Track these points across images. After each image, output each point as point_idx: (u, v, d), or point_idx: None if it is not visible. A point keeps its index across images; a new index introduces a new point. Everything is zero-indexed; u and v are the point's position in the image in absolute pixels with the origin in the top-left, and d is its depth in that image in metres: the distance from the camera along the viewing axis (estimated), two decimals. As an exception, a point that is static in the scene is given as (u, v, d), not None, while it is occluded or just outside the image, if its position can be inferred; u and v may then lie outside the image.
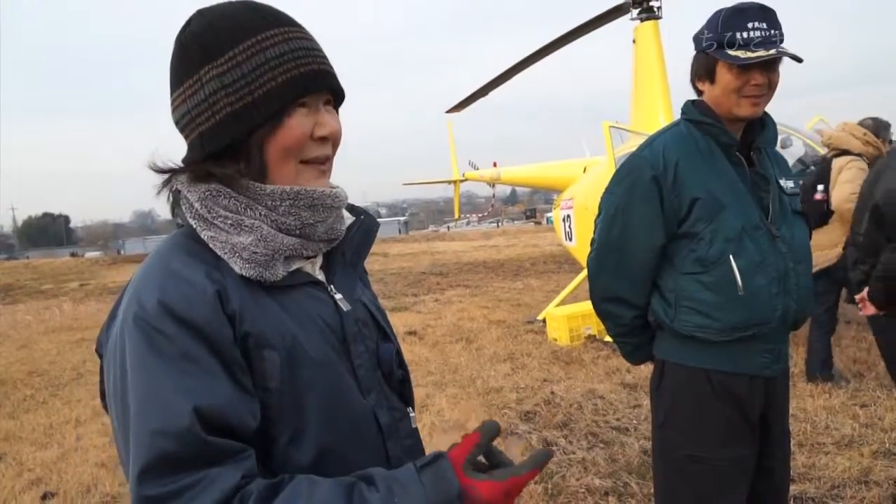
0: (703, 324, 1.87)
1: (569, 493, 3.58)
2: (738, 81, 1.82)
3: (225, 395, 0.87)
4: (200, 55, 0.96)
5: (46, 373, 7.62)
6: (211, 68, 0.95)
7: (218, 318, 0.90)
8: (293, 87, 0.96)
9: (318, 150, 1.02)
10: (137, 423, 0.84)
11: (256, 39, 0.96)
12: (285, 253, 0.99)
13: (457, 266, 17.29)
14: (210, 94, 0.95)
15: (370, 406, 1.06)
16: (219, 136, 0.96)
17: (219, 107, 0.95)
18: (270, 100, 0.95)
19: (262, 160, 0.98)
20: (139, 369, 0.86)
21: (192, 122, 0.98)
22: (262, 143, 0.97)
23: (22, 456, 4.84)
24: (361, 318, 1.10)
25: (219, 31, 0.96)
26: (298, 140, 0.99)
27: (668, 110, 8.01)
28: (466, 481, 0.87)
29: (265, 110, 0.95)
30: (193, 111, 0.97)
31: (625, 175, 1.97)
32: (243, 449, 0.87)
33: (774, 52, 1.75)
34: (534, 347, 7.09)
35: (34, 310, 13.83)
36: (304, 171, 1.01)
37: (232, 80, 0.95)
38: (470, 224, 59.47)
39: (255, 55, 0.95)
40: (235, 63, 0.95)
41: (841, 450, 3.85)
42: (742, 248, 1.84)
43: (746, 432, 1.94)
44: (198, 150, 0.98)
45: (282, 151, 0.98)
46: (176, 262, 0.94)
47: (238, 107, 0.95)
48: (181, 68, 0.99)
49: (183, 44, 0.99)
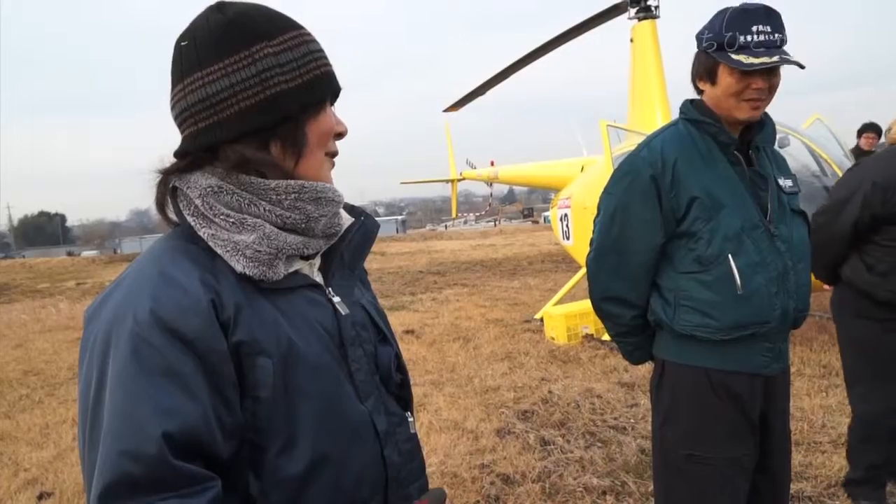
0: (703, 323, 1.87)
1: (566, 492, 3.58)
2: (738, 85, 1.81)
3: (201, 416, 0.85)
4: (251, 33, 0.97)
5: (42, 372, 7.60)
6: (265, 46, 0.97)
7: (212, 330, 0.89)
8: (328, 81, 1.03)
9: (335, 147, 1.08)
10: (108, 440, 0.83)
11: (299, 32, 1.02)
12: (288, 252, 0.98)
13: (454, 265, 17.28)
14: (264, 69, 0.96)
15: (367, 412, 1.04)
16: (272, 109, 0.97)
17: (273, 82, 0.96)
18: (319, 86, 1.01)
19: (302, 143, 1.01)
20: (119, 383, 0.84)
21: (236, 95, 0.95)
22: (306, 126, 1.01)
23: (18, 456, 4.82)
24: (360, 321, 1.09)
25: (267, 16, 1.00)
26: (331, 130, 1.05)
27: (665, 109, 8.02)
28: None
29: (314, 93, 1.00)
30: (240, 84, 0.95)
31: (623, 175, 1.97)
32: (208, 478, 0.85)
33: (777, 59, 1.74)
34: (531, 346, 7.09)
35: (30, 309, 13.79)
36: (326, 163, 1.06)
37: (287, 60, 0.98)
38: (467, 223, 59.44)
39: (301, 45, 1.00)
40: (288, 47, 0.99)
41: (837, 448, 3.85)
42: (741, 248, 1.83)
43: (746, 431, 1.94)
44: (232, 128, 0.96)
45: (320, 137, 1.03)
46: (171, 266, 0.92)
47: (293, 85, 0.98)
48: (223, 43, 0.96)
49: (229, 21, 0.97)
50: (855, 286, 2.96)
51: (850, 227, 2.88)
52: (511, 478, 3.80)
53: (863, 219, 2.84)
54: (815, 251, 3.02)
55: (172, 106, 1.00)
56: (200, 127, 0.97)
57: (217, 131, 0.96)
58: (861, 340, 3.00)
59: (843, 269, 3.01)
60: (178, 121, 1.00)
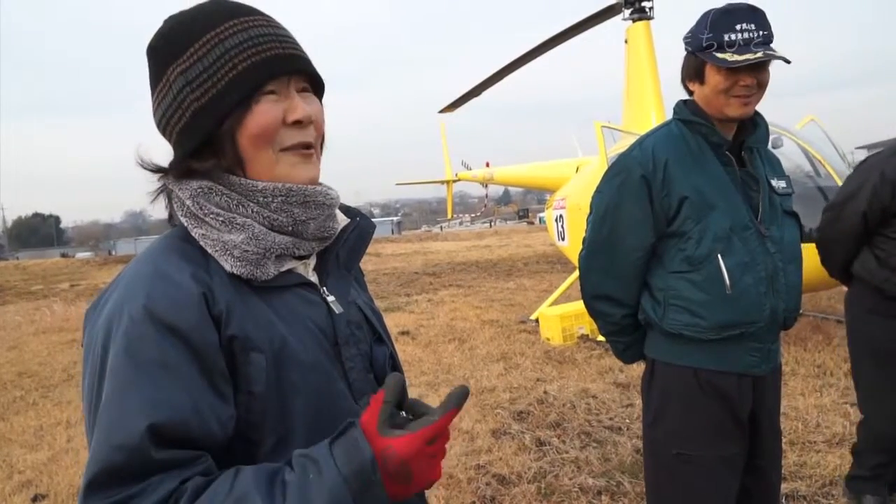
0: (691, 322, 1.88)
1: (562, 492, 3.58)
2: (726, 82, 1.82)
3: (192, 406, 0.86)
4: (165, 56, 0.97)
5: (37, 374, 7.57)
6: (175, 67, 0.96)
7: (203, 322, 0.89)
8: (257, 73, 0.95)
9: (298, 137, 1.00)
10: (97, 434, 0.84)
11: (215, 32, 0.96)
12: (276, 251, 0.98)
13: (450, 266, 17.29)
14: (177, 92, 0.96)
15: (361, 411, 1.04)
16: (192, 132, 0.96)
17: (186, 103, 0.95)
18: (234, 88, 0.94)
19: (235, 150, 0.97)
20: (111, 378, 0.86)
21: (168, 123, 0.98)
22: (232, 134, 0.96)
23: (12, 458, 4.80)
24: (354, 320, 1.09)
25: (180, 30, 0.97)
26: (269, 126, 0.97)
27: (659, 110, 8.05)
28: (381, 442, 0.84)
29: (230, 99, 0.94)
30: (167, 113, 0.98)
31: (614, 174, 1.98)
32: (196, 457, 0.86)
33: (761, 54, 1.75)
34: (527, 347, 7.10)
35: (24, 310, 13.74)
36: (283, 158, 1.00)
37: (195, 75, 0.95)
38: (463, 224, 59.45)
39: (214, 47, 0.95)
40: (197, 58, 0.95)
41: (832, 448, 3.87)
42: (730, 248, 1.84)
43: (735, 431, 1.94)
44: (178, 150, 0.99)
45: (253, 140, 0.97)
46: (165, 264, 0.93)
47: (204, 101, 0.95)
48: (153, 73, 1.00)
49: (151, 48, 1.00)
50: (866, 281, 2.91)
51: (859, 220, 2.84)
52: (507, 478, 3.80)
53: (872, 212, 2.80)
54: (826, 248, 3.04)
55: None
56: (170, 143, 1.01)
57: (174, 151, 1.01)
58: (872, 338, 2.93)
59: (854, 265, 2.97)
60: None
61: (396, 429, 0.85)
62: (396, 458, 0.83)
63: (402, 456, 0.83)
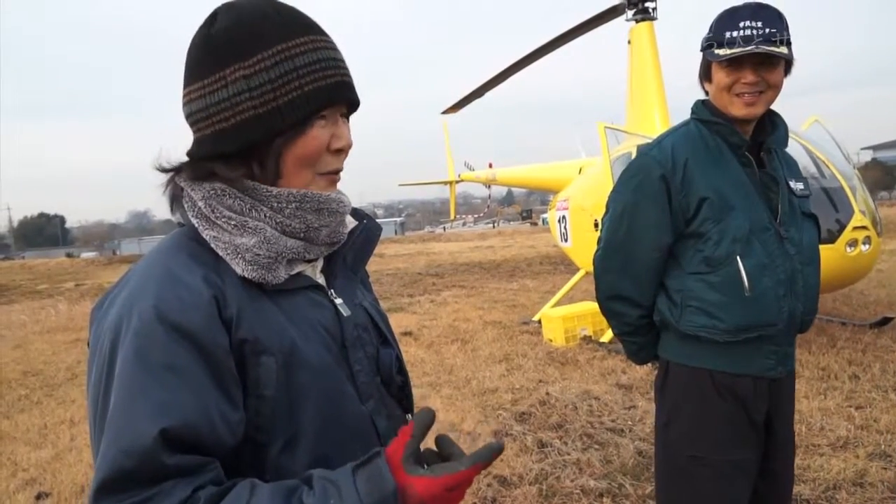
0: (708, 324, 1.86)
1: (563, 494, 3.58)
2: (728, 80, 1.81)
3: (201, 410, 0.86)
4: (227, 53, 0.95)
5: (41, 373, 7.60)
6: (238, 68, 0.94)
7: (214, 325, 0.89)
8: (318, 98, 0.96)
9: (335, 164, 1.02)
10: (108, 435, 0.84)
11: (286, 45, 0.95)
12: (288, 256, 0.99)
13: (452, 267, 17.29)
14: (234, 94, 0.94)
15: (368, 413, 1.05)
16: (238, 136, 0.95)
17: (242, 108, 0.94)
18: (296, 108, 0.95)
19: (277, 167, 0.98)
20: (121, 380, 0.85)
21: (209, 118, 0.96)
22: (280, 151, 0.97)
23: (16, 456, 4.82)
24: (361, 323, 1.10)
25: (248, 32, 0.95)
26: (316, 151, 0.99)
27: (663, 111, 8.03)
28: (403, 478, 0.84)
29: (290, 118, 0.95)
30: (213, 108, 0.95)
31: (633, 174, 1.97)
32: (206, 463, 0.86)
33: (753, 47, 1.73)
34: (529, 348, 7.09)
35: (29, 310, 13.78)
36: (317, 181, 1.01)
37: (259, 84, 0.94)
38: (466, 225, 59.45)
39: (283, 61, 0.95)
40: (264, 67, 0.94)
41: (836, 451, 3.86)
42: (749, 249, 1.83)
43: (750, 434, 1.92)
44: (208, 147, 0.97)
45: (299, 160, 0.98)
46: (175, 264, 0.93)
47: (262, 111, 0.94)
48: (204, 62, 0.97)
49: (210, 37, 0.97)
50: None
51: None
52: (508, 480, 3.80)
53: None
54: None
55: None
56: (195, 136, 1.00)
57: (199, 146, 0.99)
58: None
59: None
60: None
61: (420, 465, 0.87)
62: (416, 497, 0.84)
63: (421, 496, 0.84)
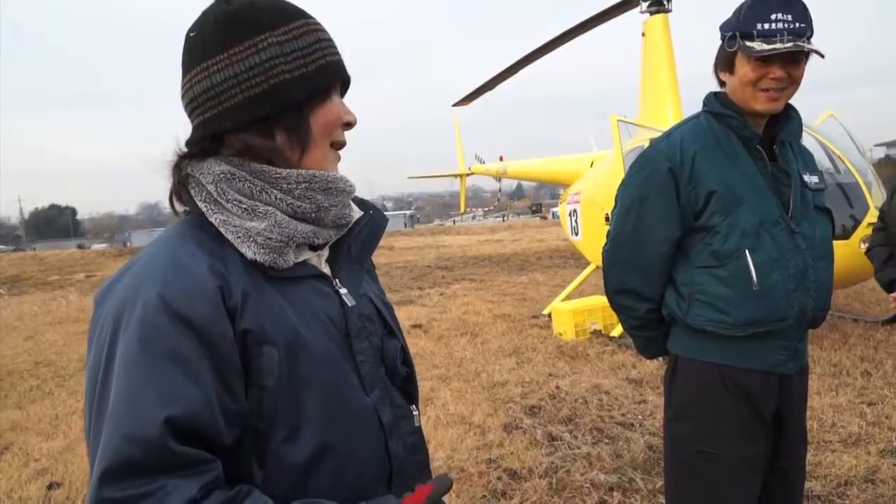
0: (716, 318, 1.85)
1: (573, 487, 3.57)
2: (754, 74, 1.77)
3: (204, 401, 0.86)
4: (257, 24, 0.98)
5: (53, 363, 7.66)
6: (269, 36, 0.98)
7: (218, 316, 0.89)
8: (336, 70, 1.03)
9: (343, 137, 1.07)
10: (111, 423, 0.84)
11: (306, 21, 1.02)
12: (298, 240, 0.99)
13: (462, 260, 17.29)
14: (267, 59, 0.97)
15: (372, 403, 1.04)
16: (275, 98, 0.97)
17: (277, 71, 0.97)
18: (323, 75, 1.01)
19: (309, 132, 1.01)
20: (124, 367, 0.85)
21: (239, 84, 0.97)
22: (311, 115, 1.01)
23: (28, 446, 4.86)
24: (366, 313, 1.10)
25: (271, 8, 1.00)
26: (337, 120, 1.04)
27: (676, 104, 7.96)
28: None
29: (321, 83, 1.00)
30: (244, 74, 0.96)
31: (641, 167, 1.95)
32: (209, 461, 0.86)
33: (792, 45, 1.70)
34: (539, 342, 7.08)
35: (41, 301, 13.91)
36: (330, 154, 1.06)
37: (291, 50, 0.98)
38: (476, 218, 59.49)
39: (307, 34, 1.01)
40: (293, 36, 0.99)
41: (847, 448, 3.83)
42: (759, 243, 1.80)
43: (759, 430, 1.90)
44: (244, 115, 0.97)
45: (325, 127, 1.03)
46: (181, 252, 0.93)
47: (297, 74, 0.98)
48: (230, 34, 0.98)
49: (234, 12, 0.99)
50: None
51: None
52: (518, 473, 3.80)
53: None
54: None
55: (182, 96, 1.02)
56: (207, 116, 0.99)
57: (222, 120, 0.98)
58: None
59: None
60: (187, 110, 1.02)
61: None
62: None
63: None
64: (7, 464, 4.54)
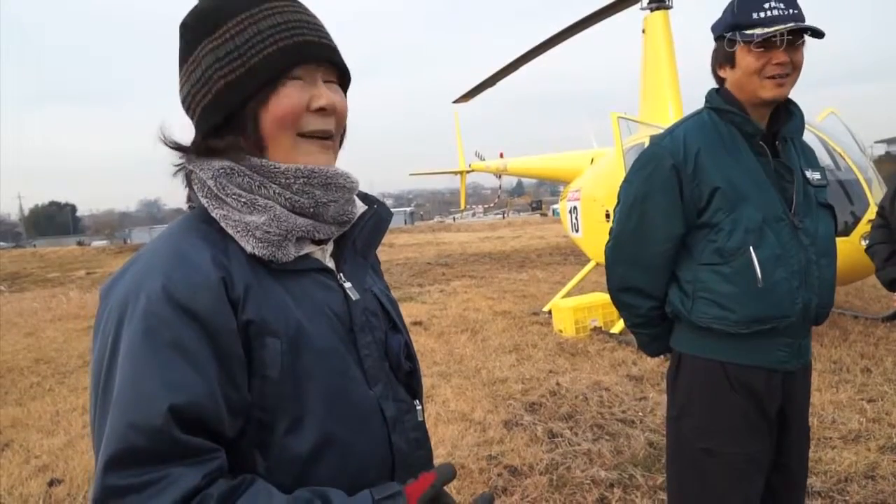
0: (720, 315, 1.84)
1: (574, 484, 3.57)
2: (758, 62, 1.78)
3: (207, 391, 0.86)
4: (197, 32, 0.99)
5: (53, 360, 7.67)
6: (207, 43, 0.98)
7: (221, 307, 0.90)
8: (287, 56, 0.97)
9: (319, 124, 1.01)
10: (116, 411, 0.84)
11: (250, 13, 0.98)
12: (297, 233, 0.99)
13: (462, 257, 17.29)
14: (206, 68, 0.97)
15: (375, 397, 1.05)
16: (215, 108, 0.98)
17: (214, 79, 0.97)
18: (263, 69, 0.96)
19: (256, 131, 0.99)
20: (129, 357, 0.86)
21: (192, 99, 1.00)
22: (256, 114, 0.98)
23: (29, 443, 4.86)
24: (370, 307, 1.10)
25: (214, 7, 0.99)
26: (292, 110, 0.98)
27: (677, 101, 7.95)
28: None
29: (258, 79, 0.96)
30: (194, 88, 0.99)
31: (644, 164, 1.94)
32: (213, 450, 0.87)
33: (792, 24, 1.71)
34: (539, 339, 7.08)
35: (41, 297, 13.92)
36: (302, 143, 1.01)
37: (225, 53, 0.97)
38: (476, 215, 59.46)
39: (248, 27, 0.97)
40: (229, 36, 0.97)
41: (847, 444, 3.84)
42: (763, 240, 1.80)
43: (763, 427, 1.90)
44: (202, 127, 1.00)
45: (276, 122, 0.98)
46: (184, 244, 0.94)
47: (231, 78, 0.96)
48: (183, 49, 1.01)
49: (184, 24, 1.01)
50: None
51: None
52: (518, 469, 3.80)
53: None
54: None
55: None
56: (193, 121, 1.02)
57: (195, 131, 1.02)
58: None
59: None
60: None
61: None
62: None
63: None
64: (8, 461, 4.54)
